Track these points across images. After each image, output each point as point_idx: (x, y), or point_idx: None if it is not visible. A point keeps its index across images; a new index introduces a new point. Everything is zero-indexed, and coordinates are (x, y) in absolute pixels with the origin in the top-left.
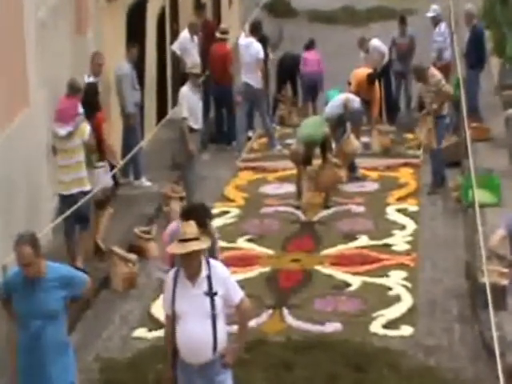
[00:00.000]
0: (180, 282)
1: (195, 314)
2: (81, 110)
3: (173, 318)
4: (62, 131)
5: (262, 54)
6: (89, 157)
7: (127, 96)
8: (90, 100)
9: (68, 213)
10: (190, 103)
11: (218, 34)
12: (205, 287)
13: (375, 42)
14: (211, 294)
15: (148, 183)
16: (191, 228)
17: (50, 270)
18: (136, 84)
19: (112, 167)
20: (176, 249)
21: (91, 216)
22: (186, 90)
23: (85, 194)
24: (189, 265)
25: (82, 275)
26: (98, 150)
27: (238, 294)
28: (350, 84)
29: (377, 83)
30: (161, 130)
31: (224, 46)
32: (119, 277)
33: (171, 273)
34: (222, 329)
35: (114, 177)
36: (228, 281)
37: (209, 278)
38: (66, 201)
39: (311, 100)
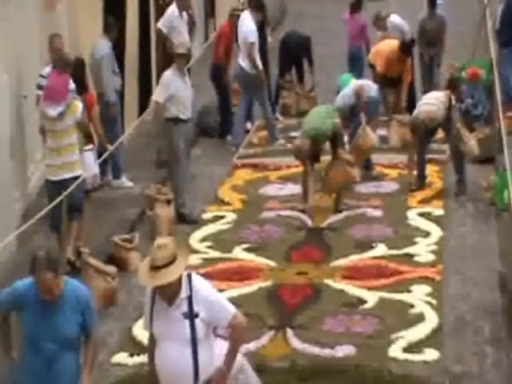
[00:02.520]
0: (158, 301)
1: (173, 338)
2: (72, 86)
3: (152, 340)
4: (53, 112)
5: (252, 37)
6: (81, 138)
7: (108, 81)
8: (78, 78)
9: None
10: (173, 89)
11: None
12: (184, 309)
13: (395, 19)
14: (191, 316)
15: (129, 183)
16: (164, 251)
17: (68, 286)
18: (116, 68)
19: (99, 154)
20: (147, 280)
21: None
22: (169, 73)
23: (76, 179)
24: (165, 293)
25: (94, 310)
26: (86, 132)
27: (228, 313)
28: (371, 66)
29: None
30: (144, 121)
31: (226, 24)
32: (96, 292)
33: (149, 288)
34: (206, 356)
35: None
36: (213, 302)
37: (189, 299)
38: (56, 187)
39: None
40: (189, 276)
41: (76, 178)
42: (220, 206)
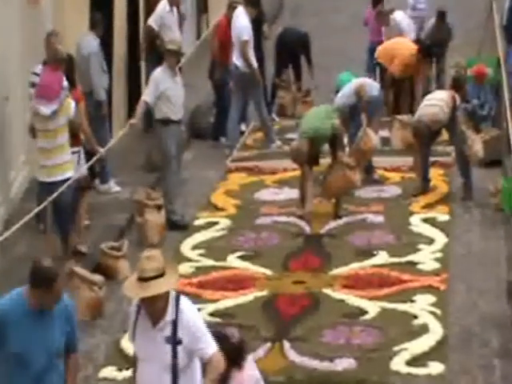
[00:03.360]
0: (141, 317)
1: (154, 361)
2: (65, 83)
3: (135, 358)
4: (47, 110)
5: (245, 35)
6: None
7: (97, 79)
8: (68, 74)
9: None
10: (163, 88)
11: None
12: (167, 333)
13: (398, 17)
14: (174, 342)
15: (117, 188)
16: (153, 262)
17: None
18: (104, 65)
19: (89, 156)
20: (133, 291)
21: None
22: (159, 71)
23: (67, 181)
24: (150, 308)
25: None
26: (76, 133)
27: (209, 349)
28: (379, 65)
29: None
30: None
31: (222, 18)
32: (82, 303)
33: (135, 302)
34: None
35: (91, 169)
36: (197, 332)
37: (174, 322)
38: (47, 189)
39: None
40: (177, 298)
41: (67, 180)
42: (213, 212)
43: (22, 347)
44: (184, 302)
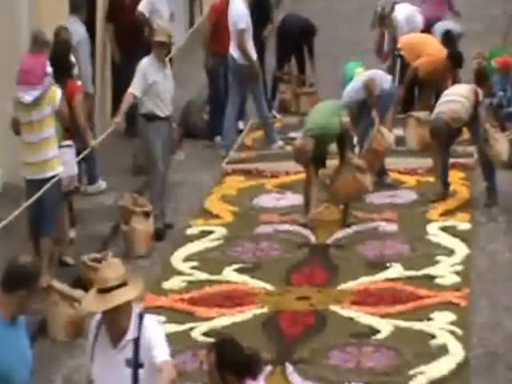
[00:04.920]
0: (102, 336)
1: None
2: (49, 69)
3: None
4: (28, 97)
5: (242, 23)
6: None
7: (86, 70)
8: (60, 62)
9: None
10: (150, 81)
11: None
12: (128, 354)
13: (400, 13)
14: (135, 364)
15: (104, 185)
16: (114, 270)
17: None
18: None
19: (78, 151)
20: (94, 305)
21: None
22: (145, 63)
23: (54, 178)
24: (111, 322)
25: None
26: (66, 125)
27: (163, 356)
28: (400, 57)
29: None
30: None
31: (219, 2)
32: (61, 321)
33: (96, 318)
34: None
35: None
36: (154, 342)
37: (136, 342)
38: (34, 188)
39: None
40: (140, 316)
41: (54, 177)
42: (207, 220)
43: (5, 365)
44: (148, 319)
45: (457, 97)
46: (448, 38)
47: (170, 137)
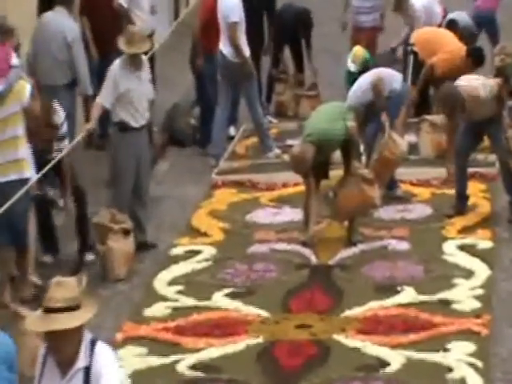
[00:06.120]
0: (49, 365)
1: None
2: (16, 61)
3: None
4: None
5: (234, 16)
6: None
7: (85, 69)
8: None
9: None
10: (122, 89)
11: None
12: None
13: (418, 1)
14: None
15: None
16: (65, 291)
17: None
18: None
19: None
20: (36, 323)
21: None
22: (116, 67)
23: (24, 182)
24: (56, 348)
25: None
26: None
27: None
28: (415, 54)
29: None
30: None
31: None
32: (28, 354)
33: (43, 347)
34: None
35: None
36: (106, 375)
37: (87, 371)
38: (0, 191)
39: None
40: (92, 343)
41: (24, 180)
42: (194, 238)
43: None
44: (100, 346)
45: (478, 78)
46: (451, 28)
47: (147, 147)
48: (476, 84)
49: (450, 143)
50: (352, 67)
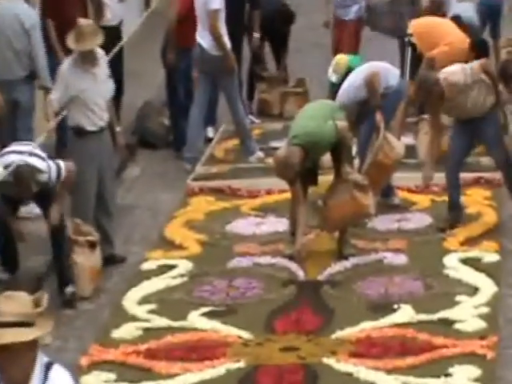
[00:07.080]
0: None
1: None
2: None
3: None
4: None
5: (215, 3)
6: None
7: (44, 59)
8: None
9: None
10: (74, 91)
11: None
12: None
13: None
14: None
15: (37, 210)
16: (15, 305)
17: None
18: None
19: None
20: None
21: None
22: (66, 67)
23: None
24: (3, 369)
25: None
26: None
27: None
28: (413, 46)
29: None
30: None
31: None
32: None
33: None
34: None
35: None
36: None
37: None
38: None
39: None
40: (47, 367)
41: None
42: (168, 251)
43: None
44: (56, 370)
45: (461, 68)
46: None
47: (111, 151)
48: (454, 68)
49: (431, 143)
50: (333, 78)
